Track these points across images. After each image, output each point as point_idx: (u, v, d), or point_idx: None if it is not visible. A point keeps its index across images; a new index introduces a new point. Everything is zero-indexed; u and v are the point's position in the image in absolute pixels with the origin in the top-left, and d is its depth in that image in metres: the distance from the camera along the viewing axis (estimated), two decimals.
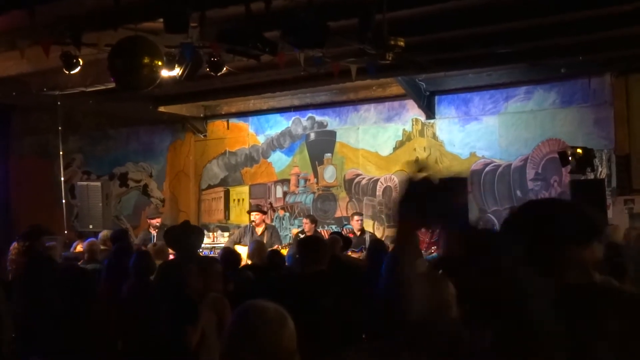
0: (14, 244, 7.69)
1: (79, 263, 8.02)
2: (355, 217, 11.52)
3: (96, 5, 7.18)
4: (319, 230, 11.70)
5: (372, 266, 6.07)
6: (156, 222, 11.15)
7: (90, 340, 4.27)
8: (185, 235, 7.05)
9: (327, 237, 9.51)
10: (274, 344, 2.40)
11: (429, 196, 2.25)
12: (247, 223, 11.47)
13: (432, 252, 9.01)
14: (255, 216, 11.15)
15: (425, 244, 9.31)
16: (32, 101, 12.28)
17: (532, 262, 2.15)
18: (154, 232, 11.04)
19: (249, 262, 7.79)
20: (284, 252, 8.84)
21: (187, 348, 4.73)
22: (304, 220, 11.78)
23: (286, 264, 7.32)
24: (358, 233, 10.79)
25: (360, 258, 9.35)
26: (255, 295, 3.39)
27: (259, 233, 10.71)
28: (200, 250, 8.68)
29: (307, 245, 5.92)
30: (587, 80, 10.86)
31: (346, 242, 8.68)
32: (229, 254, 6.93)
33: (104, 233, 9.74)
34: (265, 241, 9.85)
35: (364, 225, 11.61)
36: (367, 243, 10.21)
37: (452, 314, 2.34)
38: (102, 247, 8.76)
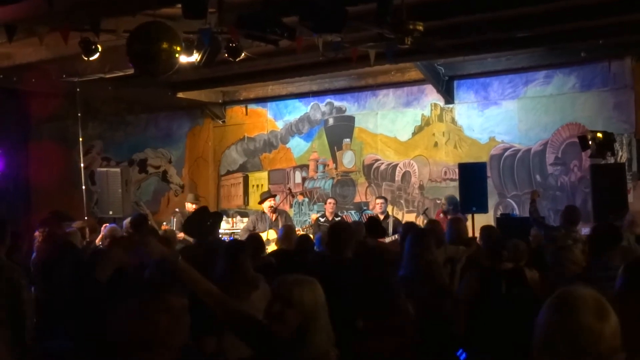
0: (37, 232, 7.76)
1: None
2: (378, 201, 11.43)
3: None
4: (339, 214, 11.65)
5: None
6: (191, 210, 10.77)
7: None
8: (202, 221, 7.12)
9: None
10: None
11: None
12: (260, 210, 11.40)
13: None
14: (269, 203, 11.00)
15: None
16: (51, 88, 12.36)
17: None
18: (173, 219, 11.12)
19: (276, 247, 7.85)
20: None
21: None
22: (331, 201, 11.68)
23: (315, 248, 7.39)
24: (381, 217, 10.71)
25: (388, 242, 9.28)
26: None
27: (273, 219, 10.71)
28: (221, 235, 8.73)
29: (332, 231, 5.94)
30: (607, 64, 10.80)
31: (380, 230, 8.60)
32: (254, 239, 6.93)
33: (128, 220, 9.75)
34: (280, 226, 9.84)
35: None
36: (390, 227, 10.23)
37: None
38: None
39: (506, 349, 4.58)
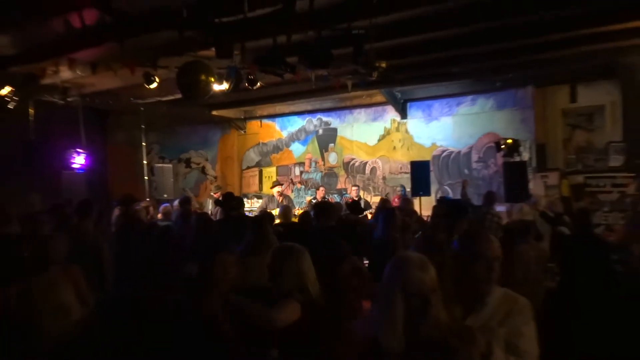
0: (115, 209, 7.71)
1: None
2: (354, 188, 11.54)
3: (168, 38, 7.10)
4: (326, 197, 11.68)
5: (376, 219, 6.08)
6: (217, 195, 10.90)
7: (166, 275, 4.24)
8: (230, 200, 7.07)
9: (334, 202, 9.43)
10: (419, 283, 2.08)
11: None
12: (271, 194, 11.40)
13: None
14: (278, 188, 11.15)
15: None
16: (123, 107, 12.26)
17: None
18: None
19: (278, 220, 7.78)
20: (299, 212, 8.97)
21: None
22: (321, 188, 11.78)
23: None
24: (356, 199, 10.69)
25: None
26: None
27: (279, 200, 10.68)
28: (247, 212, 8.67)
29: (318, 207, 5.87)
30: (515, 91, 10.79)
31: (358, 209, 8.49)
32: (266, 214, 6.90)
33: (177, 201, 9.67)
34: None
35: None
36: (362, 205, 10.18)
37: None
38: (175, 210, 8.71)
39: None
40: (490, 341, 2.03)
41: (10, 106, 9.43)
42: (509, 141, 9.38)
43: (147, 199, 11.83)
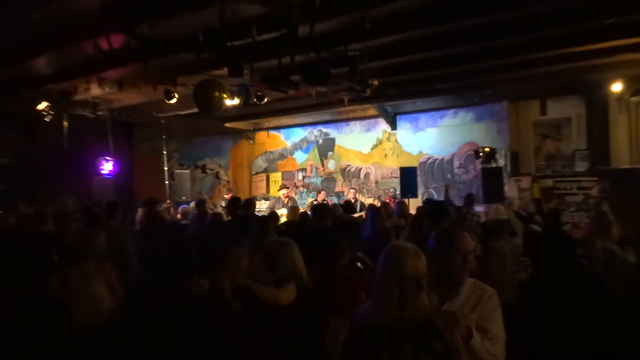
0: (139, 210, 7.70)
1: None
2: (351, 191, 11.49)
3: (186, 60, 7.13)
4: (326, 199, 11.65)
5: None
6: (228, 196, 10.90)
7: (187, 267, 4.25)
8: (237, 202, 7.08)
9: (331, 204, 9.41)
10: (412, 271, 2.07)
11: None
12: (278, 196, 11.40)
13: None
14: (284, 191, 11.16)
15: None
16: (146, 120, 12.26)
17: None
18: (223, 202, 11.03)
19: (285, 219, 7.78)
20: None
21: None
22: (322, 192, 11.75)
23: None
24: (353, 200, 10.67)
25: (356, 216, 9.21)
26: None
27: (285, 202, 10.68)
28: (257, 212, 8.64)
29: (316, 209, 5.87)
30: (492, 105, 10.78)
31: (350, 208, 8.51)
32: (273, 214, 6.89)
33: (194, 202, 9.67)
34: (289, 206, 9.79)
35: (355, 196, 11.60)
36: (358, 206, 10.17)
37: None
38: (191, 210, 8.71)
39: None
40: (469, 325, 2.03)
41: (47, 119, 9.46)
42: (487, 149, 9.38)
43: (168, 201, 11.86)
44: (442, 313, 2.01)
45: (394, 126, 12.10)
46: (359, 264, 3.68)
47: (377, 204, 9.92)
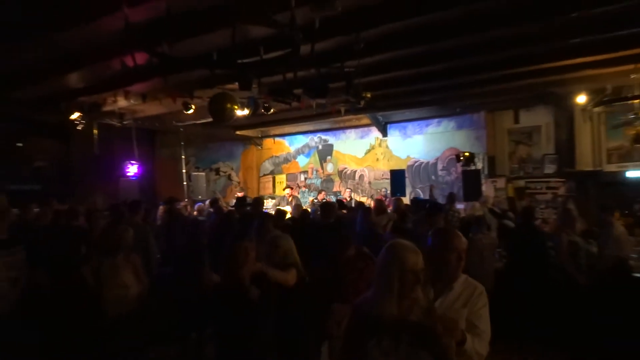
0: (161, 207, 7.70)
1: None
2: (347, 190, 11.57)
3: (201, 75, 7.15)
4: (325, 198, 11.65)
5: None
6: (240, 194, 10.86)
7: (203, 260, 4.26)
8: (245, 201, 7.09)
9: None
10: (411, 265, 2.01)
11: None
12: (283, 195, 11.41)
13: None
14: (288, 191, 11.15)
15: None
16: (167, 128, 12.27)
17: None
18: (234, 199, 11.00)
19: (290, 215, 7.79)
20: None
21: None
22: (322, 192, 11.78)
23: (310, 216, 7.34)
24: (349, 199, 10.71)
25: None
26: (294, 236, 3.40)
27: (289, 200, 10.67)
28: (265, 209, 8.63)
29: (323, 207, 5.89)
30: (471, 115, 10.78)
31: (345, 206, 8.51)
32: (280, 211, 6.91)
33: (209, 200, 9.68)
34: (293, 204, 9.80)
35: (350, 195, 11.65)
36: (353, 204, 10.15)
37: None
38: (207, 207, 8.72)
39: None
40: (464, 330, 1.99)
41: (79, 128, 9.49)
42: (467, 154, 9.40)
43: (186, 200, 11.85)
44: (443, 318, 1.95)
45: (385, 133, 12.11)
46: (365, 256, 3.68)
47: (369, 202, 9.98)
